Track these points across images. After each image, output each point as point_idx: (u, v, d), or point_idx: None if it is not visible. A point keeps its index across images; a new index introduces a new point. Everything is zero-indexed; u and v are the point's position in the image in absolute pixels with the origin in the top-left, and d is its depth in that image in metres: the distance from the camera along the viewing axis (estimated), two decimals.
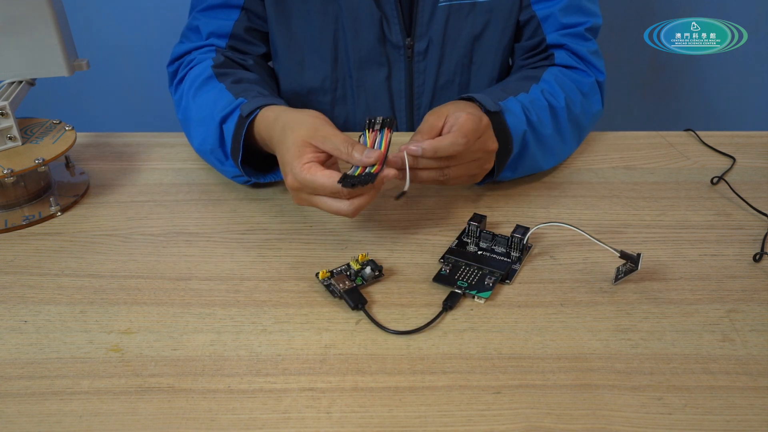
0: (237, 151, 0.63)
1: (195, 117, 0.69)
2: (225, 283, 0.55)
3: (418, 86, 0.82)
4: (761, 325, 0.51)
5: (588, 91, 0.75)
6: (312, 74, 0.82)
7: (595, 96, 0.76)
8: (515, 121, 0.65)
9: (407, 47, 0.79)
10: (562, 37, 0.77)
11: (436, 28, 0.78)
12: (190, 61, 0.76)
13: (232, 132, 0.64)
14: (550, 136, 0.68)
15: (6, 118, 0.64)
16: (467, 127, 0.58)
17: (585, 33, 0.77)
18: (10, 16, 0.64)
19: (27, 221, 0.63)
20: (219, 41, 0.77)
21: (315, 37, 0.79)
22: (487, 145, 0.61)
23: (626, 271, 0.54)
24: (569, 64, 0.76)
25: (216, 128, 0.66)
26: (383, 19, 0.77)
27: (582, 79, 0.75)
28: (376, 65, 0.80)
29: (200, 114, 0.68)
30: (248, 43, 0.79)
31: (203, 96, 0.69)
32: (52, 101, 1.42)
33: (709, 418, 0.43)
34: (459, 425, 0.43)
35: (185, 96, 0.72)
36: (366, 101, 0.83)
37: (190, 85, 0.72)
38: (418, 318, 0.51)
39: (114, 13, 1.35)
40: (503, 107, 0.65)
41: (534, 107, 0.68)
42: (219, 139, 0.66)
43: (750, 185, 0.69)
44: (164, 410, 0.44)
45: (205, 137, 0.67)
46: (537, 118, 0.67)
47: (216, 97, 0.68)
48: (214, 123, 0.66)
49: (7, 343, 0.49)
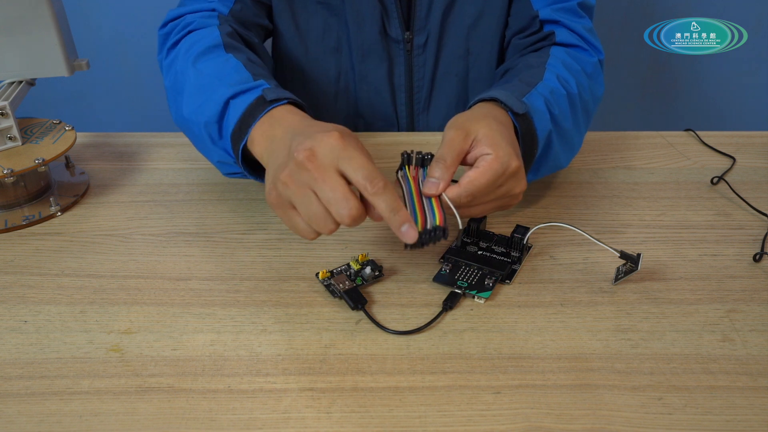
0: (243, 133, 0.56)
1: (193, 83, 0.62)
2: (225, 283, 0.55)
3: (417, 80, 0.82)
4: (761, 325, 0.51)
5: (592, 72, 0.71)
6: (315, 67, 0.82)
7: (599, 77, 0.72)
8: (542, 122, 0.60)
9: (406, 41, 0.79)
10: (555, 12, 0.73)
11: (434, 20, 0.78)
12: (187, 24, 0.70)
13: (241, 112, 0.57)
14: (570, 130, 0.64)
15: (6, 118, 0.64)
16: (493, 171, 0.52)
17: (578, 9, 0.74)
18: (10, 16, 0.64)
19: (27, 221, 0.63)
20: (222, 5, 0.72)
21: (319, 30, 0.79)
22: (512, 190, 0.55)
23: (626, 271, 0.54)
24: (571, 42, 0.72)
25: (219, 101, 0.58)
26: (383, 13, 0.77)
27: (586, 58, 0.71)
28: (377, 59, 0.80)
29: (200, 81, 0.62)
30: (253, 14, 0.75)
31: (207, 63, 0.63)
32: (52, 101, 1.42)
33: (709, 418, 0.43)
34: (459, 425, 0.43)
35: (180, 59, 0.66)
36: (368, 95, 0.83)
37: (189, 48, 0.66)
38: (418, 318, 0.51)
39: (114, 13, 1.35)
40: (530, 107, 0.59)
41: (555, 98, 0.62)
42: (219, 113, 0.58)
43: (750, 185, 0.69)
44: (164, 410, 0.44)
45: (200, 107, 0.60)
46: (559, 111, 0.62)
47: (226, 69, 0.62)
48: (218, 95, 0.59)
49: (7, 343, 0.49)
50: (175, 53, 0.68)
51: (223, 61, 0.63)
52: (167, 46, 0.71)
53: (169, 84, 0.67)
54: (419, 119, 0.86)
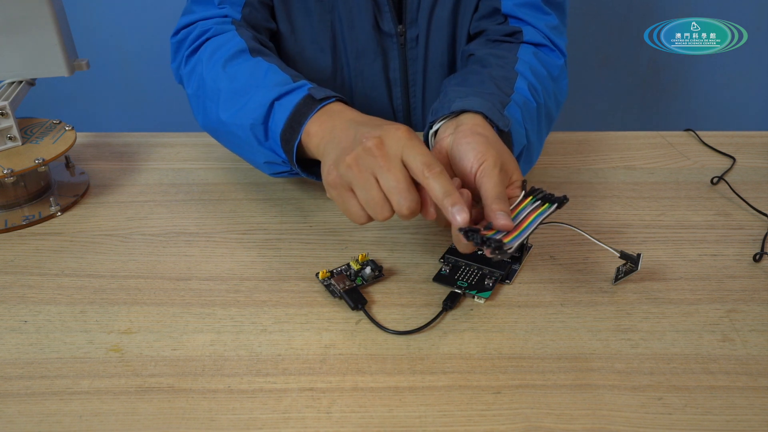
0: (295, 132, 0.57)
1: (227, 87, 0.64)
2: (225, 283, 0.55)
3: (412, 74, 0.82)
4: (761, 325, 0.51)
5: (558, 76, 0.70)
6: (312, 65, 0.82)
7: (563, 81, 0.72)
8: (518, 137, 0.60)
9: (399, 35, 0.79)
10: (518, 8, 0.72)
11: (423, 12, 0.78)
12: (203, 31, 0.71)
13: (289, 111, 0.58)
14: (534, 143, 0.64)
15: (6, 118, 0.64)
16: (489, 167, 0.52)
17: (542, 5, 0.72)
18: (10, 16, 0.64)
19: (27, 221, 0.63)
20: (233, 11, 0.73)
21: (314, 28, 0.79)
22: None
23: (626, 271, 0.54)
24: (538, 41, 0.71)
25: (264, 103, 0.60)
26: (375, 8, 0.77)
27: (552, 61, 0.70)
28: (372, 54, 0.80)
29: (236, 85, 0.63)
30: (262, 17, 0.76)
31: (238, 68, 0.65)
32: (52, 101, 1.42)
33: (709, 418, 0.43)
34: (459, 425, 0.43)
35: (204, 65, 0.67)
36: (365, 91, 0.83)
37: (212, 54, 0.67)
38: (418, 318, 0.51)
39: (114, 13, 1.36)
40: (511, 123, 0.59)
41: (527, 111, 0.63)
42: (264, 115, 0.60)
43: (750, 185, 0.69)
44: (164, 410, 0.44)
45: (242, 111, 0.62)
46: (530, 126, 0.63)
47: (259, 72, 0.63)
48: (260, 98, 0.60)
49: (7, 343, 0.49)
50: (196, 60, 0.69)
51: (254, 65, 0.64)
52: (185, 54, 0.72)
53: (193, 91, 0.69)
54: (415, 113, 0.86)
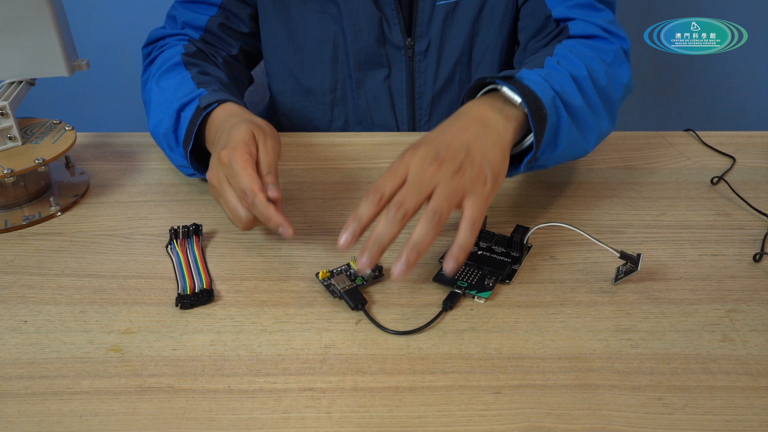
0: (189, 140, 0.63)
1: (156, 99, 0.69)
2: (225, 283, 0.55)
3: (419, 86, 0.82)
4: (761, 325, 0.51)
5: (613, 60, 0.66)
6: (311, 75, 0.82)
7: (623, 65, 0.68)
8: (538, 85, 0.56)
9: (408, 47, 0.79)
10: (570, 10, 0.70)
11: (435, 26, 0.78)
12: (162, 45, 0.78)
13: (188, 120, 0.64)
14: (580, 107, 0.60)
15: (6, 118, 0.64)
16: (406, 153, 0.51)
17: (595, 2, 0.70)
18: (10, 16, 0.64)
19: (27, 221, 0.63)
20: (193, 32, 0.79)
21: (315, 38, 0.79)
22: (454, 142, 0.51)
23: (626, 272, 0.54)
24: (587, 33, 0.68)
25: (173, 114, 0.65)
26: (383, 20, 0.77)
27: (604, 47, 0.67)
28: (376, 66, 0.80)
29: (161, 97, 0.69)
30: (221, 40, 0.80)
31: (167, 80, 0.70)
32: (52, 101, 1.42)
33: (709, 418, 0.43)
34: (459, 425, 0.43)
35: (151, 77, 0.73)
36: (366, 102, 0.83)
37: (158, 68, 0.73)
38: (418, 318, 0.51)
39: (114, 13, 1.35)
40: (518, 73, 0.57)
41: (554, 76, 0.59)
42: (174, 124, 0.66)
43: (750, 185, 0.69)
44: (164, 410, 0.44)
45: (161, 120, 0.67)
46: (560, 88, 0.58)
47: (179, 83, 0.68)
48: (171, 109, 0.66)
49: (7, 343, 0.49)
50: (150, 71, 0.76)
51: (180, 78, 0.69)
52: (146, 63, 0.79)
53: (144, 98, 0.75)
54: (421, 126, 0.85)
